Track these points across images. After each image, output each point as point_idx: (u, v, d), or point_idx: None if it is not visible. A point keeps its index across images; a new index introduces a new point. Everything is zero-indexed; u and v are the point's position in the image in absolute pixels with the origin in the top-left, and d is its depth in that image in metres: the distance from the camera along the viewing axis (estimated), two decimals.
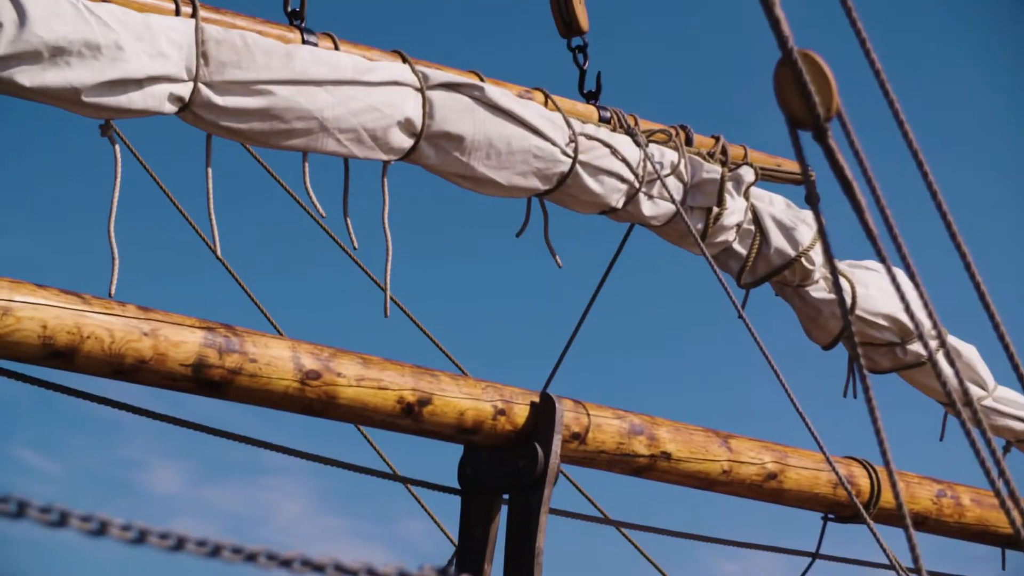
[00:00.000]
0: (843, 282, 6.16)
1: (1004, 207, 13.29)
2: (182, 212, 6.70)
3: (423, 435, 4.80)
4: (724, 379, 14.07)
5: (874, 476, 5.77)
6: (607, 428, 5.04)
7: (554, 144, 5.37)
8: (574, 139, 5.45)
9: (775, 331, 6.08)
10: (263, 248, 13.05)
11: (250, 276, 6.70)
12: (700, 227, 5.81)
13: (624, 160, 5.58)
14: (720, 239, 5.89)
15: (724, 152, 6.00)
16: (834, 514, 5.80)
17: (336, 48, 5.05)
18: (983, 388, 6.57)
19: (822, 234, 2.89)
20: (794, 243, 5.96)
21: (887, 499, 5.75)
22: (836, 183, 2.80)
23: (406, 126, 5.05)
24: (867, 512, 5.64)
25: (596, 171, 5.50)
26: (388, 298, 5.14)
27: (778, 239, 5.95)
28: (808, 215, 6.02)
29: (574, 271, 6.06)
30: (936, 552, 6.26)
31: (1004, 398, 6.62)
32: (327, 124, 4.85)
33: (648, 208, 5.69)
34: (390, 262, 5.14)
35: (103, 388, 4.35)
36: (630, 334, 14.09)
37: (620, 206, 5.63)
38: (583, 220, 5.70)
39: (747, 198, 5.94)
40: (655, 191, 5.68)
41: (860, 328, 6.19)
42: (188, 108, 4.63)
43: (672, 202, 5.69)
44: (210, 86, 4.64)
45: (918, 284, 3.04)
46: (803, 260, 5.97)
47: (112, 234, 4.53)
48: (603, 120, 5.77)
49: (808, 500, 5.59)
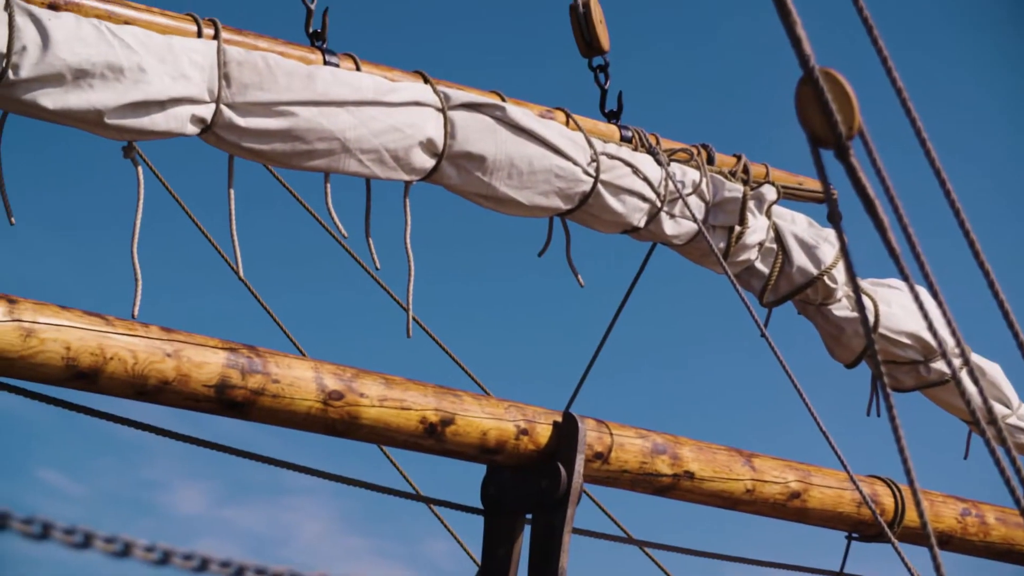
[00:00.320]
0: (866, 300, 6.14)
1: None
2: (205, 233, 6.71)
3: (446, 455, 4.79)
4: (747, 398, 14.05)
5: (898, 495, 5.75)
6: (630, 447, 5.03)
7: (576, 164, 5.37)
8: (596, 158, 5.45)
9: (798, 349, 6.07)
10: (286, 269, 13.08)
11: (273, 297, 6.71)
12: (722, 246, 5.81)
13: (646, 179, 5.57)
14: (742, 258, 5.88)
15: (746, 171, 6.00)
16: (858, 533, 5.78)
17: (357, 69, 5.06)
18: (1007, 406, 6.54)
19: (844, 252, 2.89)
20: (816, 261, 5.95)
21: (911, 518, 5.73)
22: (858, 201, 2.80)
23: (428, 146, 5.05)
24: (891, 531, 5.62)
25: (618, 190, 5.50)
26: (410, 318, 5.15)
27: (800, 258, 5.94)
28: (830, 233, 6.01)
29: (596, 289, 6.06)
30: (961, 571, 6.24)
31: None
32: (349, 145, 4.86)
33: (670, 227, 5.68)
34: (412, 282, 5.15)
35: (126, 409, 4.36)
36: (653, 352, 14.08)
37: (642, 225, 5.62)
38: (605, 239, 5.71)
39: (769, 217, 5.93)
40: (677, 210, 5.68)
41: (883, 346, 6.17)
42: (210, 129, 4.64)
43: (694, 221, 5.68)
44: (232, 107, 4.65)
45: (941, 302, 3.03)
46: (825, 278, 5.95)
47: (135, 256, 4.54)
48: (625, 139, 5.77)
49: (832, 519, 5.57)
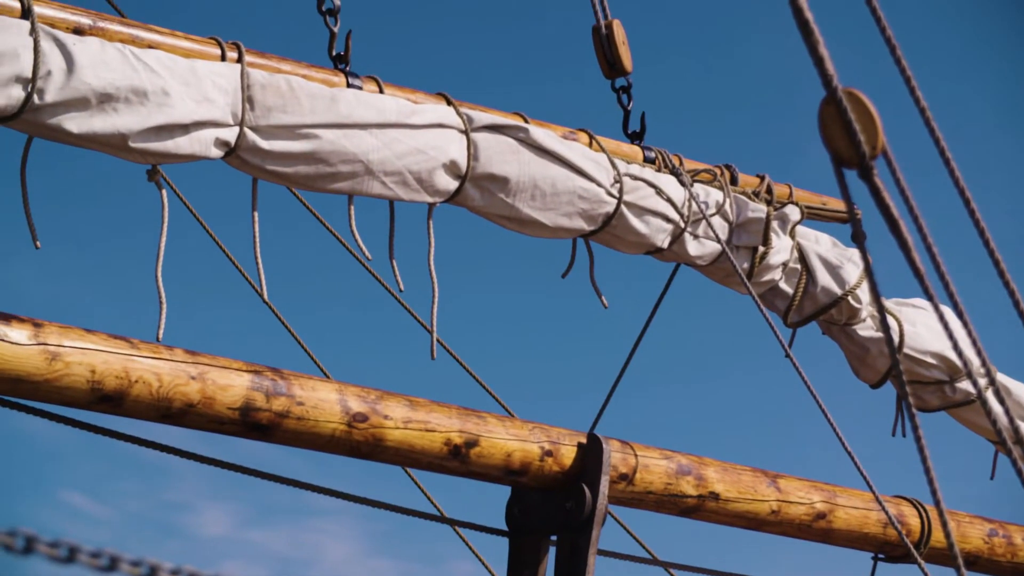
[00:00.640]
0: (890, 320, 6.13)
1: None
2: (229, 256, 6.73)
3: (470, 477, 4.79)
4: (772, 418, 14.02)
5: (924, 515, 5.73)
6: (655, 468, 5.02)
7: (599, 185, 5.37)
8: (619, 180, 5.45)
9: (822, 370, 6.06)
10: (310, 291, 13.10)
11: (297, 319, 6.72)
12: (746, 266, 5.80)
13: (669, 200, 5.57)
14: (766, 278, 5.87)
15: (769, 191, 5.99)
16: (884, 554, 5.76)
17: (381, 91, 5.07)
18: None
19: (869, 272, 2.89)
20: (840, 282, 5.94)
21: (938, 538, 5.71)
22: (882, 221, 2.79)
23: (451, 168, 5.06)
24: (918, 552, 5.60)
25: (641, 211, 5.50)
26: (434, 340, 5.15)
27: (824, 278, 5.93)
28: (854, 253, 6.00)
29: (620, 310, 6.06)
30: None
31: None
32: (372, 167, 4.87)
33: (694, 248, 5.68)
34: (436, 304, 5.15)
35: (151, 431, 4.37)
36: (677, 373, 14.06)
37: (666, 246, 5.62)
38: (628, 259, 5.70)
39: (793, 237, 5.92)
40: (700, 231, 5.68)
41: (908, 366, 6.15)
42: (234, 152, 4.65)
43: (718, 242, 5.68)
44: (256, 130, 4.66)
45: (966, 321, 3.03)
46: (850, 299, 5.94)
47: (160, 279, 4.56)
48: (648, 160, 5.77)
49: (858, 540, 5.55)
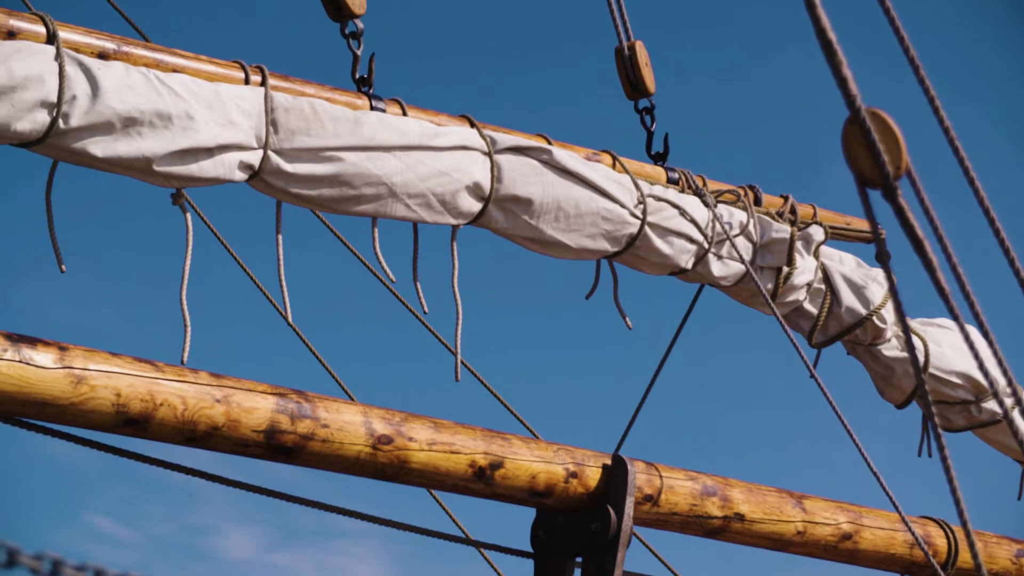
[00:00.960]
0: (915, 340, 6.11)
1: None
2: (254, 279, 6.74)
3: (495, 499, 4.79)
4: (796, 439, 13.99)
5: (951, 536, 5.70)
6: (680, 490, 5.01)
7: (623, 206, 5.37)
8: (642, 201, 5.45)
9: (847, 390, 6.04)
10: (334, 313, 13.12)
11: (321, 341, 6.73)
12: (770, 287, 5.79)
13: (693, 221, 5.57)
14: (790, 299, 5.86)
15: (793, 211, 5.99)
16: (911, 575, 5.74)
17: (404, 113, 5.08)
18: None
19: (893, 292, 2.88)
20: (865, 302, 5.93)
21: (965, 559, 5.69)
22: (907, 241, 2.79)
23: (475, 190, 5.06)
24: (944, 573, 5.58)
25: (665, 232, 5.50)
26: (459, 362, 5.15)
27: (849, 298, 5.92)
28: (879, 273, 5.99)
29: (644, 330, 6.05)
30: None
31: None
32: (396, 189, 4.88)
33: (718, 269, 5.67)
34: (460, 326, 5.15)
35: (176, 454, 4.37)
36: (701, 393, 14.04)
37: (689, 267, 5.62)
38: (653, 279, 5.70)
39: (817, 257, 5.92)
40: (724, 251, 5.67)
41: (933, 386, 6.14)
42: (258, 176, 4.66)
43: (741, 262, 5.67)
44: (279, 153, 4.67)
45: (992, 341, 3.02)
46: (874, 319, 5.93)
47: (184, 302, 4.57)
48: (671, 181, 5.77)
49: (884, 561, 5.53)
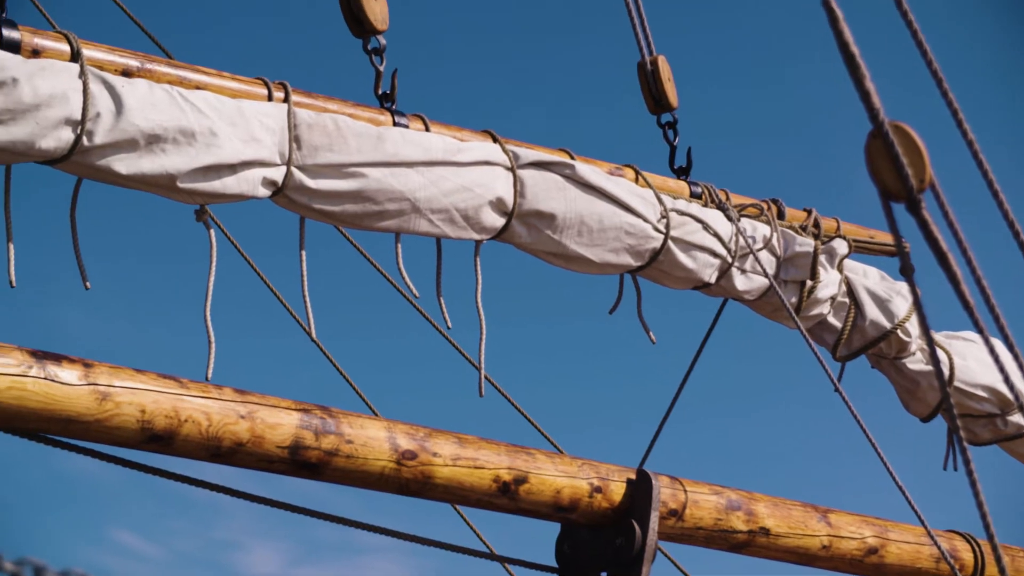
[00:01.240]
0: (940, 353, 6.09)
1: None
2: (277, 295, 6.75)
3: (520, 514, 4.78)
4: (821, 452, 13.96)
5: (978, 550, 5.68)
6: (704, 504, 5.00)
7: (646, 221, 5.37)
8: (666, 215, 5.44)
9: (872, 403, 6.03)
10: (357, 329, 13.14)
11: (345, 357, 6.74)
12: (794, 301, 5.79)
13: (716, 235, 5.56)
14: (814, 312, 5.85)
15: (816, 225, 5.98)
16: None
17: (427, 129, 5.09)
18: None
19: (918, 306, 2.88)
20: (889, 315, 5.91)
21: (991, 574, 5.67)
22: (931, 254, 2.78)
23: (498, 205, 5.07)
24: None
25: (688, 247, 5.49)
26: (482, 377, 5.15)
27: (873, 311, 5.91)
28: (903, 287, 5.98)
29: (668, 344, 6.05)
30: None
31: None
32: (419, 205, 4.88)
33: (741, 283, 5.67)
34: (484, 342, 5.15)
35: (200, 470, 4.38)
36: (726, 407, 14.02)
37: (713, 281, 5.61)
38: (676, 293, 5.70)
39: (841, 271, 5.91)
40: (748, 265, 5.67)
41: (959, 400, 6.12)
42: (281, 192, 4.67)
43: (765, 276, 5.67)
44: (303, 170, 4.68)
45: (1017, 354, 3.01)
46: (899, 332, 5.92)
47: (208, 318, 4.57)
48: (694, 195, 5.77)
49: (910, 575, 5.51)
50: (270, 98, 4.78)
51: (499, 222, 5.09)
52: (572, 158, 5.37)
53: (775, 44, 14.71)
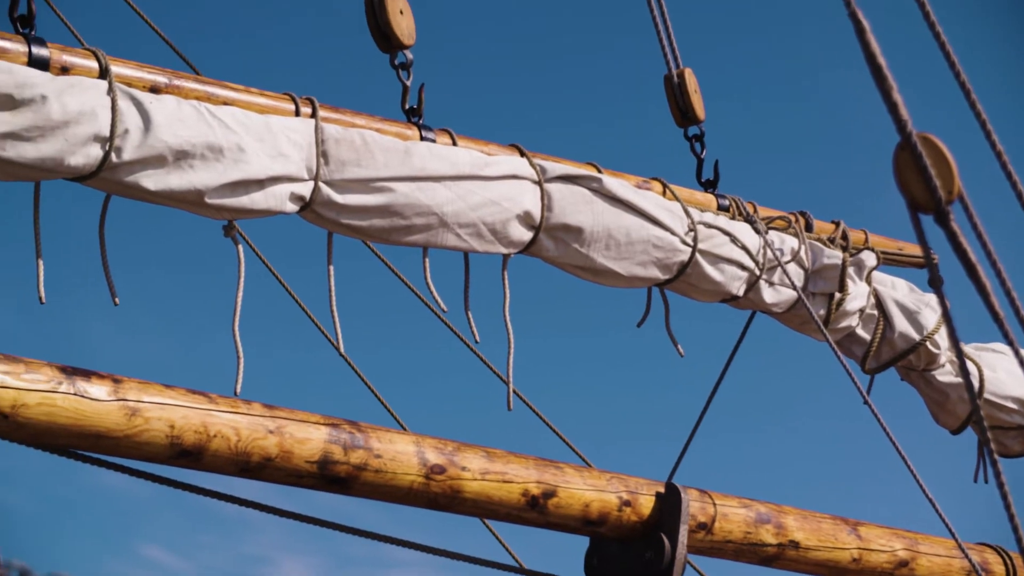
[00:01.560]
0: (970, 365, 6.08)
1: None
2: (305, 310, 6.76)
3: (549, 528, 4.78)
4: (851, 465, 13.92)
5: (1009, 563, 5.66)
6: (733, 517, 4.99)
7: (673, 233, 5.37)
8: (693, 228, 5.44)
9: (901, 416, 6.01)
10: (385, 343, 13.15)
11: (373, 372, 6.74)
12: (822, 313, 5.77)
13: (744, 248, 5.56)
14: (843, 325, 5.84)
15: (845, 237, 5.97)
16: None
17: (454, 143, 5.09)
18: None
19: (947, 317, 2.87)
20: (918, 327, 5.90)
21: None
22: (960, 265, 2.78)
23: (525, 219, 5.07)
24: None
25: (716, 259, 5.48)
26: (511, 391, 5.15)
27: (902, 323, 5.89)
28: (932, 298, 5.96)
29: (696, 356, 6.04)
30: None
31: None
32: (447, 219, 4.89)
33: (769, 295, 5.66)
34: (512, 356, 5.15)
35: (229, 485, 4.38)
36: (754, 420, 13.99)
37: (741, 294, 5.60)
38: (704, 305, 5.69)
39: (869, 283, 5.89)
40: (776, 278, 5.66)
41: (989, 412, 6.10)
42: (309, 207, 4.68)
43: (794, 289, 5.66)
44: (330, 185, 4.69)
45: None
46: (928, 344, 5.90)
47: (237, 333, 4.58)
48: (722, 208, 5.76)
49: None
50: (297, 113, 4.79)
51: (526, 236, 5.09)
52: (599, 171, 5.37)
53: (802, 56, 14.70)
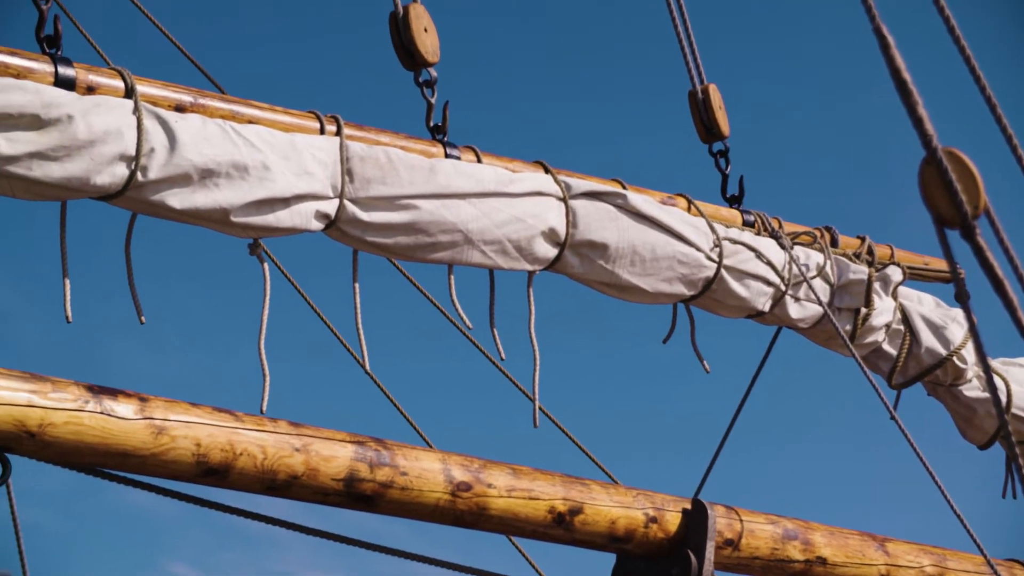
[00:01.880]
0: (997, 380, 6.05)
1: None
2: (331, 328, 6.76)
3: (575, 544, 4.77)
4: (878, 480, 13.88)
5: None
6: (760, 534, 4.98)
7: (698, 249, 5.36)
8: (718, 244, 5.43)
9: (928, 431, 6.00)
10: (411, 360, 13.15)
11: (398, 389, 6.74)
12: (848, 328, 5.76)
13: (769, 263, 5.55)
14: (869, 340, 5.83)
15: (870, 252, 5.96)
16: None
17: (479, 160, 5.09)
18: None
19: (973, 332, 2.86)
20: (945, 342, 5.88)
21: None
22: (986, 280, 2.77)
23: (550, 236, 5.07)
24: None
25: (741, 275, 5.48)
26: (536, 408, 5.14)
27: (928, 338, 5.88)
28: (958, 313, 5.95)
29: (722, 372, 6.03)
30: None
31: None
32: (472, 236, 4.89)
33: (795, 311, 5.65)
34: (537, 372, 5.15)
35: (255, 502, 4.39)
36: (780, 436, 13.96)
37: (767, 309, 5.59)
38: (730, 321, 5.68)
39: (895, 298, 5.88)
40: (802, 294, 5.65)
41: (1016, 427, 6.08)
42: (334, 225, 4.69)
43: (819, 304, 5.64)
44: (355, 202, 4.69)
45: None
46: (955, 359, 5.88)
47: (263, 351, 4.59)
48: (747, 224, 5.75)
49: None
50: (322, 131, 4.80)
51: (551, 253, 5.09)
52: (624, 188, 5.37)
53: (827, 71, 14.68)
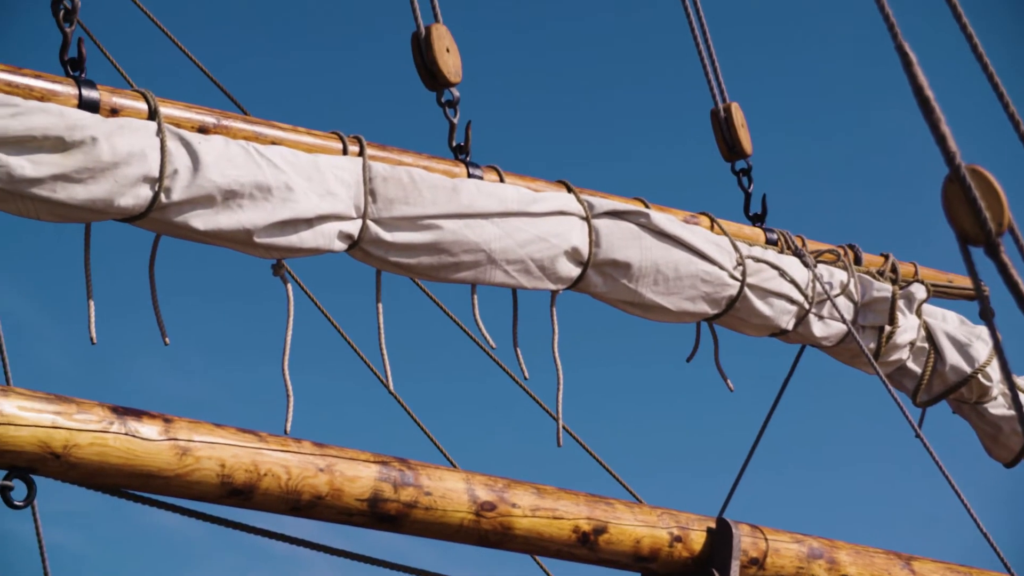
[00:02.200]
0: (1022, 397, 6.03)
1: None
2: (355, 348, 6.77)
3: (599, 564, 4.76)
4: (903, 499, 13.83)
5: None
6: (785, 553, 4.97)
7: (721, 268, 5.36)
8: (742, 262, 5.43)
9: (954, 449, 5.98)
10: (434, 380, 13.15)
11: (422, 408, 6.74)
12: (872, 346, 5.75)
13: (793, 281, 5.54)
14: (894, 358, 5.81)
15: (894, 270, 5.95)
16: None
17: (501, 180, 5.10)
18: None
19: (998, 350, 2.85)
20: (970, 360, 5.86)
21: None
22: (1011, 297, 2.76)
23: (573, 255, 5.07)
24: None
25: (765, 293, 5.47)
26: (560, 427, 5.14)
27: (953, 356, 5.86)
28: (983, 330, 5.93)
29: (746, 390, 6.02)
30: None
31: None
32: (495, 256, 4.89)
33: (819, 329, 5.64)
34: (561, 392, 5.15)
35: (280, 523, 4.39)
36: (805, 454, 13.93)
37: (790, 328, 5.58)
38: (754, 339, 5.67)
39: (919, 315, 5.87)
40: (825, 311, 5.64)
41: None
42: (357, 245, 4.69)
43: (843, 322, 5.63)
44: (378, 223, 4.70)
45: None
46: (980, 377, 5.86)
47: (286, 372, 4.59)
48: (770, 242, 5.75)
49: None
50: (345, 152, 4.81)
51: (574, 272, 5.09)
52: (647, 206, 5.37)
53: (849, 89, 14.67)
